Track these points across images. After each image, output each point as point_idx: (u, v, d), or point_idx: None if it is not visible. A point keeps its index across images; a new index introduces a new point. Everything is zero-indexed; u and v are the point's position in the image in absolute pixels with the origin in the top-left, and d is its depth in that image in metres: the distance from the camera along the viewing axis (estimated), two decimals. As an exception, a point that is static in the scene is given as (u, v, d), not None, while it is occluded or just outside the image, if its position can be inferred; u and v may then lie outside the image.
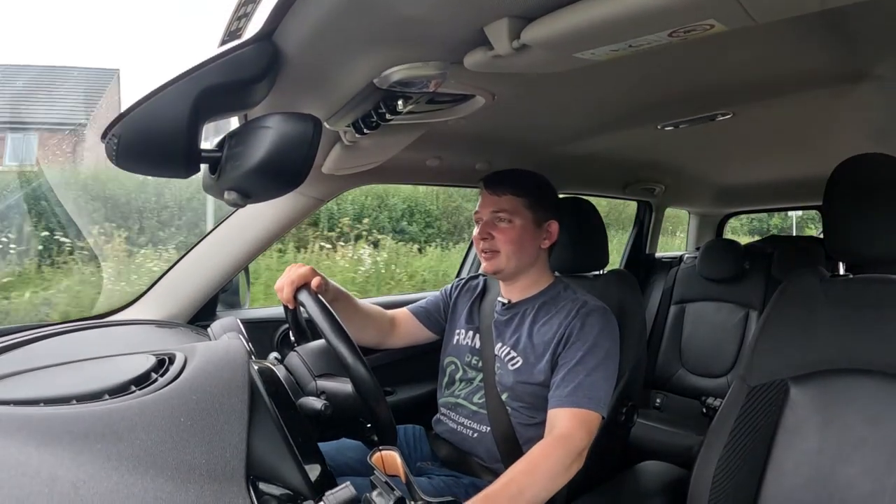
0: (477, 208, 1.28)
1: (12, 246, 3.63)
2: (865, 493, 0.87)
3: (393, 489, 0.63)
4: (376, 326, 1.35)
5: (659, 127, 1.40)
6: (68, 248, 3.81)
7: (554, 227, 1.27)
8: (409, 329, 1.41)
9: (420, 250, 6.63)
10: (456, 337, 1.35)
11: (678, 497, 1.12)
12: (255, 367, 0.78)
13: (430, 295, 1.47)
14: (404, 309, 1.44)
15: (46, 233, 3.81)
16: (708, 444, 1.04)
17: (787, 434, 0.97)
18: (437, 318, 1.42)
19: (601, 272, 1.51)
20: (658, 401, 2.33)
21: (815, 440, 0.94)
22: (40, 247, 3.83)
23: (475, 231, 1.27)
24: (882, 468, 0.87)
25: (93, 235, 3.93)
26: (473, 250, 2.14)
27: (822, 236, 2.06)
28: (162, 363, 0.72)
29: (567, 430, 1.04)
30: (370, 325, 1.33)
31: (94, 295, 3.48)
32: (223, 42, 0.70)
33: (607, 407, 1.11)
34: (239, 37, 0.69)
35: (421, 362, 1.63)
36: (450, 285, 1.47)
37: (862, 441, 0.90)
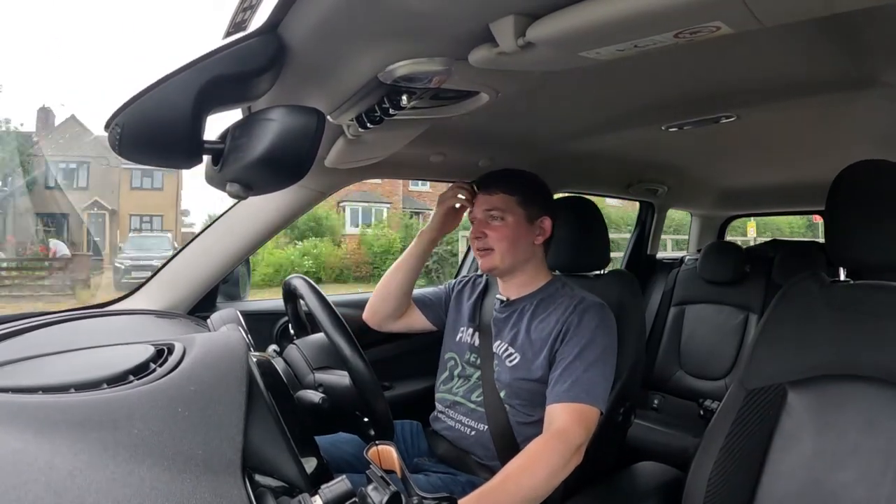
0: (471, 209, 1.30)
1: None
2: (859, 500, 0.87)
3: (389, 484, 0.63)
4: (402, 304, 1.42)
5: (663, 128, 1.40)
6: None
7: (547, 223, 1.28)
8: (409, 315, 1.44)
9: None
10: (458, 334, 1.35)
11: (673, 498, 1.12)
12: (254, 359, 0.78)
13: (431, 288, 1.49)
14: None
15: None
16: (704, 446, 1.04)
17: (783, 438, 0.97)
18: (437, 309, 1.43)
19: (602, 272, 1.51)
20: (655, 402, 2.33)
21: (811, 445, 0.94)
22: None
23: (471, 230, 1.29)
24: (876, 475, 0.87)
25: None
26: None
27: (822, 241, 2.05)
28: (161, 353, 0.72)
29: (565, 425, 1.04)
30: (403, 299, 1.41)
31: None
32: (228, 33, 0.70)
33: (605, 402, 1.11)
34: (244, 28, 0.69)
35: (419, 358, 1.63)
36: (452, 280, 1.48)
37: (857, 447, 0.90)
